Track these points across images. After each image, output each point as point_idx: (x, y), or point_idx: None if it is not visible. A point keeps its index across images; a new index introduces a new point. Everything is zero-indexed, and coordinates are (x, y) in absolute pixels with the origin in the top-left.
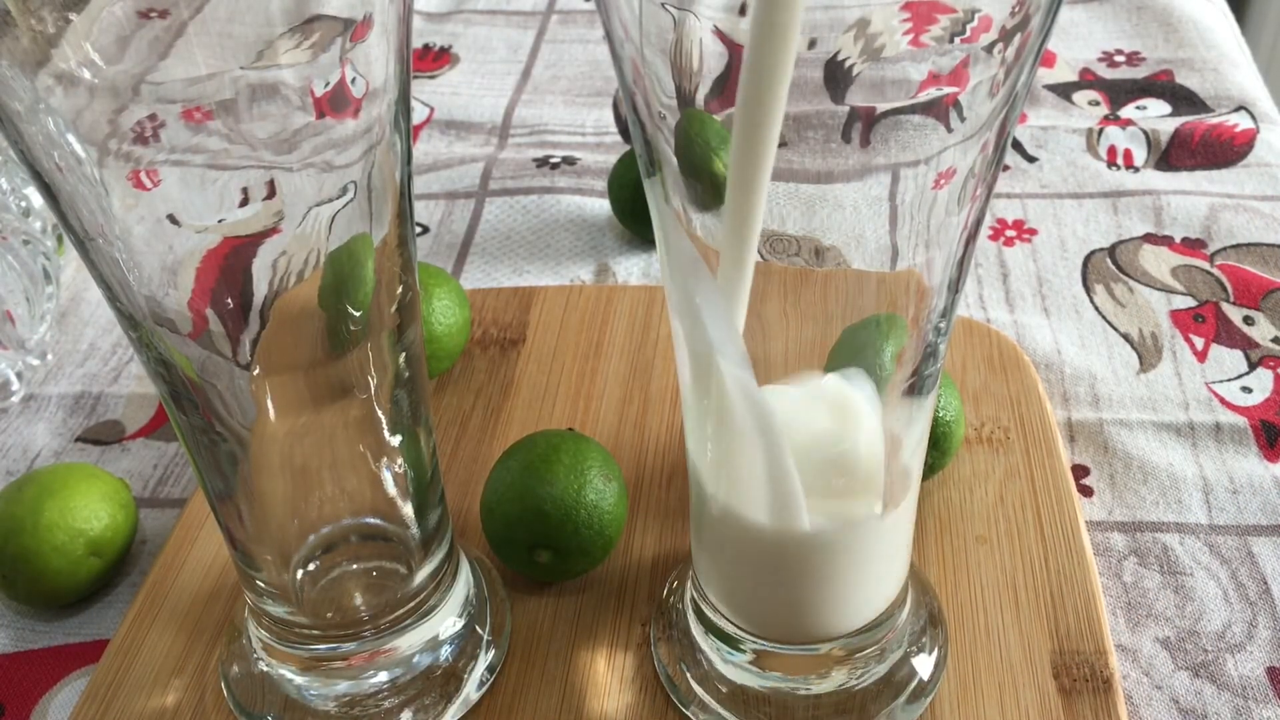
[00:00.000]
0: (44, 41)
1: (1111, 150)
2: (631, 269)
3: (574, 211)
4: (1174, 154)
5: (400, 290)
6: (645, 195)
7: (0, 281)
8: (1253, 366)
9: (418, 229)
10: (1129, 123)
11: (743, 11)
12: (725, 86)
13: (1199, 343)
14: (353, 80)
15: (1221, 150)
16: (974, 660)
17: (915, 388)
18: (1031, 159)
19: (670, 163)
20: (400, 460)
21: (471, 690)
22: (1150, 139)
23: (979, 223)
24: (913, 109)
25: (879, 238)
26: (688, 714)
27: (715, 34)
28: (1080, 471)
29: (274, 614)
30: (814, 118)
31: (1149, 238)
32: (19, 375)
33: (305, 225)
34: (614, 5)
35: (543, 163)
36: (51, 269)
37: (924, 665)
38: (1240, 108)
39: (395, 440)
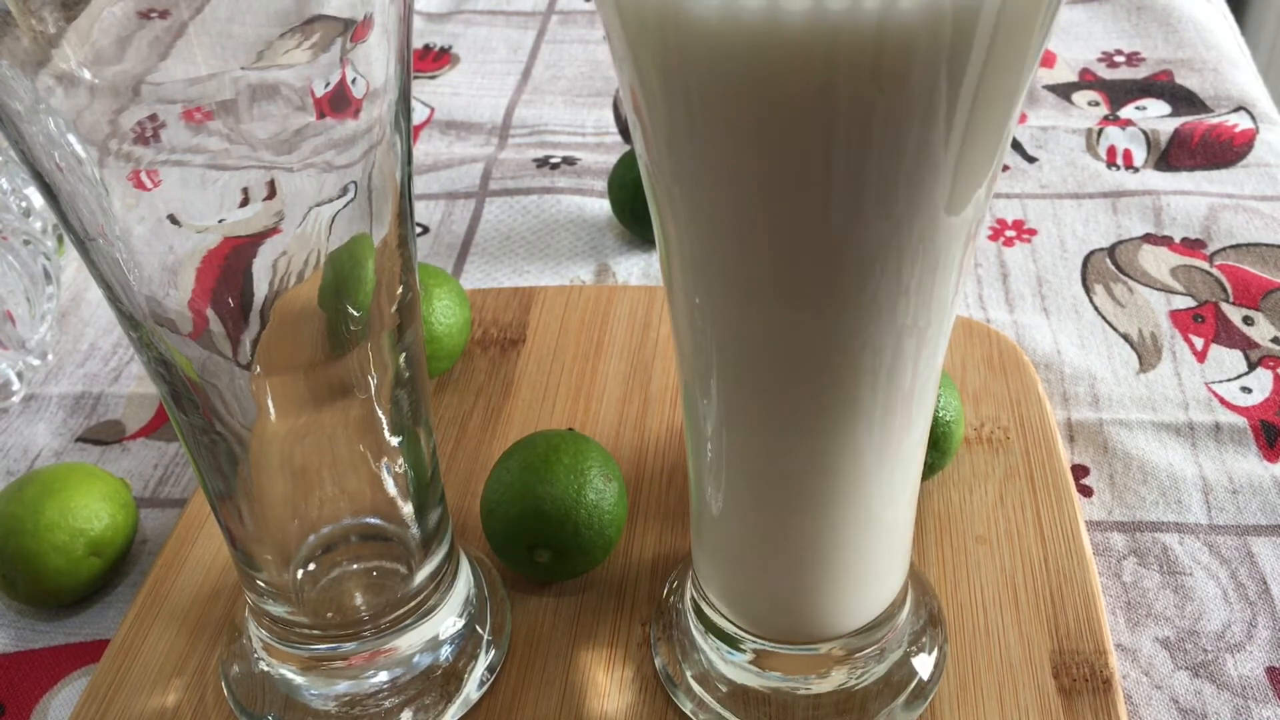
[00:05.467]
0: (44, 41)
1: (1111, 150)
2: (631, 269)
3: (574, 211)
4: (1174, 154)
5: (400, 290)
6: (645, 195)
7: (0, 281)
8: (1252, 366)
9: (418, 229)
10: (1129, 123)
11: None
12: None
13: (1198, 343)
14: (353, 80)
15: (1221, 150)
16: (974, 660)
17: None
18: (1031, 159)
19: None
20: (400, 460)
21: (471, 690)
22: (1150, 139)
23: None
24: None
25: None
26: (687, 714)
27: None
28: (1080, 471)
29: (274, 614)
30: None
31: (1149, 238)
32: (19, 375)
33: (305, 225)
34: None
35: (543, 163)
36: (52, 269)
37: (924, 665)
38: (1240, 108)
39: (395, 440)
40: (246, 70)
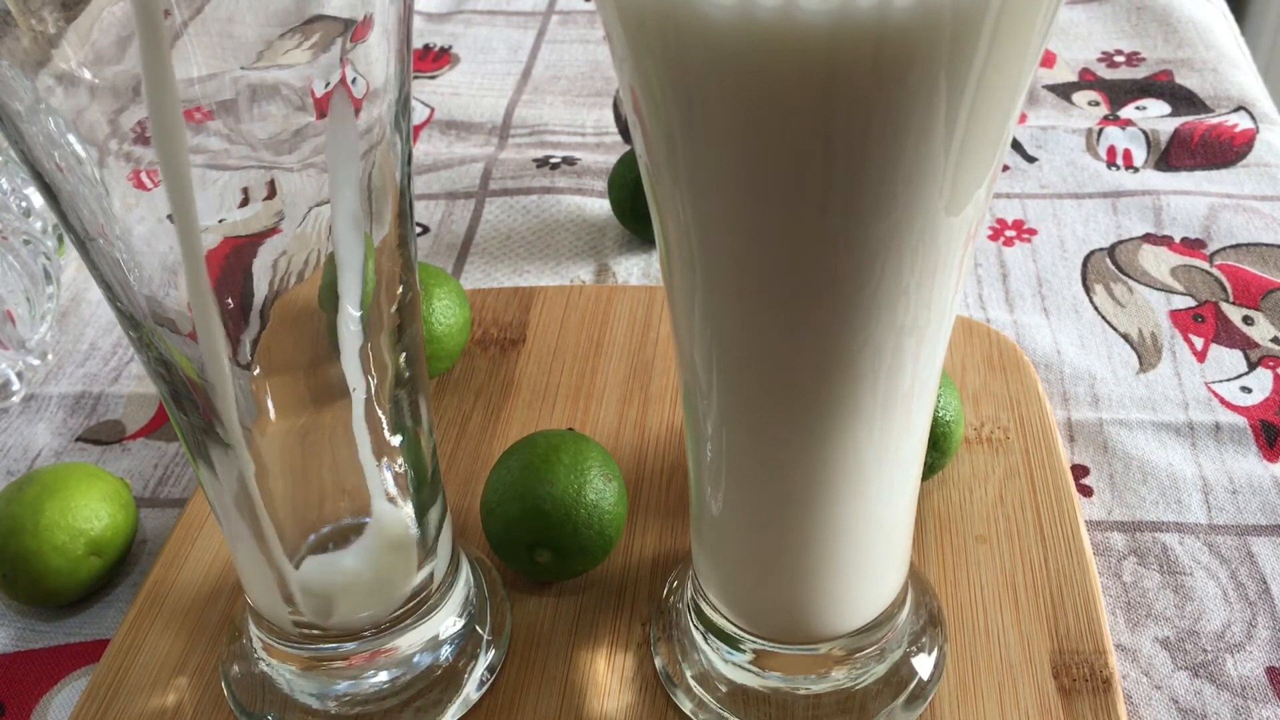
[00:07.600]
0: (44, 42)
1: (1111, 150)
2: (631, 269)
3: (574, 211)
4: (1174, 154)
5: (400, 290)
6: (645, 195)
7: (1, 281)
8: (1252, 366)
9: (418, 229)
10: (1129, 123)
11: None
12: None
13: (1198, 343)
14: (353, 80)
15: (1221, 150)
16: (974, 660)
17: None
18: (1031, 159)
19: None
20: (400, 460)
21: (471, 690)
22: (1150, 139)
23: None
24: None
25: None
26: (687, 714)
27: None
28: (1080, 471)
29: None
30: None
31: (1148, 238)
32: (19, 375)
33: (305, 225)
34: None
35: (543, 163)
36: (52, 269)
37: (924, 665)
38: (1240, 108)
39: (395, 440)
40: (246, 70)
